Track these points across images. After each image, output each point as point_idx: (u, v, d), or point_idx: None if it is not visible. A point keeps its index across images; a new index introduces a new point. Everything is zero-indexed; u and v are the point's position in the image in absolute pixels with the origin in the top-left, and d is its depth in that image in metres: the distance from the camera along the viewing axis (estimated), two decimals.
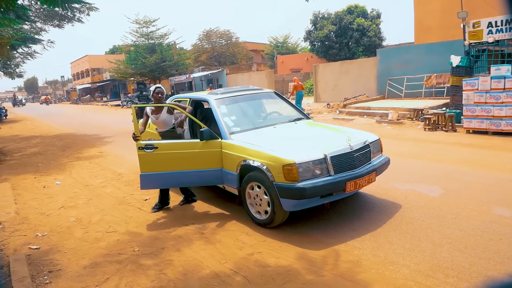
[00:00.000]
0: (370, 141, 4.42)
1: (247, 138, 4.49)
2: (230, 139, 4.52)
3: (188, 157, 4.51)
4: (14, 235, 4.45)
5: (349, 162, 4.01)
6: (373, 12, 31.08)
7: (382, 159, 4.57)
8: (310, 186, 3.68)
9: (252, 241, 3.84)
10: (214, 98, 5.13)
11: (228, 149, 4.45)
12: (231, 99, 5.35)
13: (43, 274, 3.43)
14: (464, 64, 11.12)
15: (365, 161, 4.23)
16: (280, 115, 5.59)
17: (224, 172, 4.54)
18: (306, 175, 3.75)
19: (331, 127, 5.54)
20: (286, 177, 3.71)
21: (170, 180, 4.60)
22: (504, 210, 4.13)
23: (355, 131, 4.85)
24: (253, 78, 27.81)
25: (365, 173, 4.06)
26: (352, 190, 3.98)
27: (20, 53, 19.72)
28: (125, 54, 36.50)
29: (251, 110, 5.50)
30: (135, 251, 3.82)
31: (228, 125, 4.76)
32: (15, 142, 13.45)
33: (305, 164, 3.76)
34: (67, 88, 70.80)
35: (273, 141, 4.31)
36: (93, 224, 4.67)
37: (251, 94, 5.67)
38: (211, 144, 4.50)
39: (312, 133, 4.89)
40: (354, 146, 4.10)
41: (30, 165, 8.80)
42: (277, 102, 5.86)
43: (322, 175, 3.84)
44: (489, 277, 2.87)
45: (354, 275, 3.05)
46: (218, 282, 3.11)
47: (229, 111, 5.11)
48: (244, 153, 4.22)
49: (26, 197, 6.07)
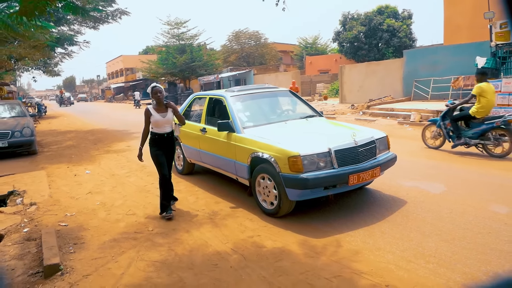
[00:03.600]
0: (376, 137, 4.60)
1: (258, 132, 4.79)
2: (242, 133, 4.85)
3: (220, 144, 5.18)
4: (46, 214, 5.00)
5: (353, 157, 4.20)
6: (404, 13, 30.56)
7: (389, 156, 4.72)
8: (313, 177, 3.91)
9: (254, 226, 4.18)
10: (230, 95, 5.48)
11: (241, 142, 4.78)
12: (246, 96, 5.68)
13: (69, 246, 3.93)
14: (490, 65, 10.99)
15: (370, 156, 4.40)
16: (293, 112, 5.84)
17: (237, 164, 4.88)
18: (310, 167, 3.98)
19: (340, 124, 5.76)
20: (291, 168, 3.96)
21: (206, 158, 5.68)
22: (500, 207, 4.26)
23: (363, 128, 5.07)
24: (280, 79, 28.08)
25: (369, 168, 4.23)
26: (355, 183, 4.15)
27: (58, 53, 20.95)
28: (157, 54, 37.69)
29: (265, 107, 5.79)
30: (150, 231, 4.25)
31: (242, 120, 5.07)
32: (52, 136, 14.41)
33: (310, 156, 4.00)
34: (102, 87, 73.65)
35: (281, 135, 4.57)
36: (115, 208, 5.15)
37: (266, 92, 5.98)
38: (228, 136, 4.97)
39: (320, 129, 5.11)
40: (359, 142, 4.29)
41: (64, 156, 9.52)
42: (291, 100, 6.16)
43: (326, 167, 4.06)
44: (467, 265, 3.07)
45: (350, 262, 3.31)
46: (218, 258, 3.48)
47: (243, 107, 5.43)
48: (255, 146, 4.52)
49: (59, 183, 6.68)
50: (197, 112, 6.64)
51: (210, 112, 6.02)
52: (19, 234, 4.39)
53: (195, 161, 6.34)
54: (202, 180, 6.24)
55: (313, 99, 24.65)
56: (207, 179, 6.30)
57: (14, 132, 9.49)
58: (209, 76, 33.23)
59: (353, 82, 20.85)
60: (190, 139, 6.13)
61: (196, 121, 6.24)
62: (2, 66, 19.73)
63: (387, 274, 3.00)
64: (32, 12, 3.10)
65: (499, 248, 3.31)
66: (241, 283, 3.03)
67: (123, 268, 3.40)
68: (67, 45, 18.98)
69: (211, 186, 5.86)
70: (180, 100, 32.23)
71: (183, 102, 30.30)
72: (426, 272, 3.00)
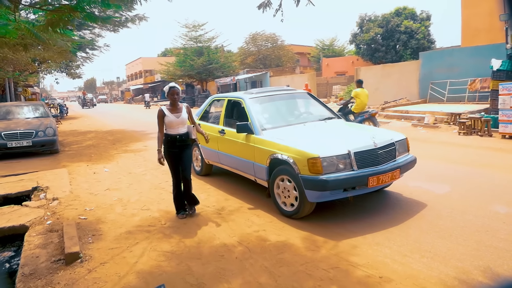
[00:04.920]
0: (396, 140, 4.57)
1: (277, 134, 4.80)
2: (261, 134, 4.89)
3: (238, 146, 5.25)
4: (68, 209, 5.34)
5: (372, 159, 4.18)
6: (422, 14, 30.23)
7: (408, 158, 4.68)
8: (333, 178, 3.92)
9: (261, 221, 4.40)
10: (248, 97, 5.52)
11: (259, 143, 4.81)
12: (265, 98, 5.69)
13: (88, 237, 4.23)
14: (505, 68, 10.89)
15: (389, 158, 4.38)
16: (311, 114, 5.81)
17: (256, 165, 4.93)
18: (330, 169, 3.98)
19: (359, 126, 5.76)
20: (310, 170, 3.98)
21: (224, 159, 5.76)
22: (502, 207, 4.35)
23: (383, 130, 5.06)
24: (296, 81, 28.18)
25: (389, 170, 4.21)
26: (374, 185, 4.14)
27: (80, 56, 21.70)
28: (175, 56, 38.38)
29: (283, 109, 5.80)
30: (163, 224, 4.52)
31: (261, 122, 5.09)
32: (73, 136, 14.97)
33: (329, 158, 4.00)
34: (121, 88, 75.19)
35: (300, 137, 4.59)
36: (131, 203, 5.45)
37: (285, 94, 6.00)
38: (247, 138, 5.04)
39: (339, 131, 5.12)
40: (378, 144, 4.28)
41: (84, 155, 9.95)
42: (309, 102, 6.15)
43: (346, 169, 4.05)
44: (461, 260, 3.20)
45: (348, 256, 3.49)
46: (224, 250, 3.71)
47: (262, 109, 5.43)
48: (274, 148, 4.53)
49: (79, 180, 7.05)
50: (216, 114, 6.73)
51: (229, 114, 6.06)
52: (42, 226, 4.72)
53: (213, 163, 6.36)
54: (213, 179, 6.49)
55: (329, 101, 24.64)
56: (219, 178, 6.54)
57: (38, 132, 9.97)
58: (225, 78, 33.64)
59: (369, 84, 20.66)
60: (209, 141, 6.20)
61: (214, 122, 6.32)
62: (26, 68, 20.58)
63: (382, 267, 3.17)
64: (58, 24, 3.39)
65: (494, 245, 3.43)
66: (244, 272, 3.25)
67: (136, 257, 3.67)
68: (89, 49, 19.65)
69: (221, 184, 6.10)
70: (197, 102, 32.73)
71: (200, 104, 30.67)
72: (420, 265, 3.16)
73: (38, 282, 3.33)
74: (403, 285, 2.88)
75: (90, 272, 3.42)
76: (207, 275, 3.24)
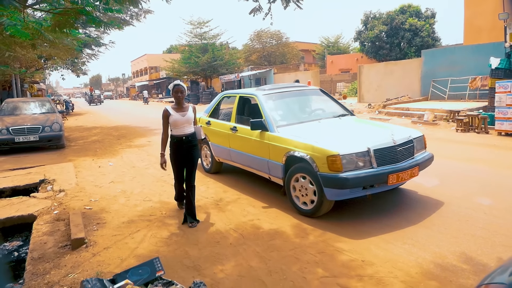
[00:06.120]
0: (413, 137, 4.54)
1: (292, 131, 4.73)
2: (276, 131, 4.81)
3: (252, 143, 5.18)
4: (74, 199, 5.61)
5: (391, 156, 4.14)
6: (427, 12, 30.20)
7: (426, 155, 4.65)
8: (353, 176, 3.86)
9: (256, 211, 4.65)
10: (262, 94, 5.44)
11: (275, 141, 4.73)
12: (278, 95, 5.62)
13: (93, 225, 4.50)
14: (503, 66, 11.03)
15: (408, 155, 4.34)
16: (325, 111, 5.71)
17: (271, 163, 4.86)
18: (349, 167, 3.92)
19: (375, 123, 5.79)
20: (330, 168, 3.92)
21: (236, 157, 5.67)
22: (485, 199, 4.56)
23: (400, 128, 5.02)
24: (299, 78, 28.29)
25: (408, 167, 4.16)
26: (394, 183, 4.10)
27: (86, 53, 22.01)
28: (180, 53, 38.63)
29: (297, 106, 5.76)
30: (163, 214, 4.78)
31: (275, 119, 5.03)
32: (79, 132, 15.30)
33: (349, 155, 3.93)
34: (127, 85, 75.69)
35: (317, 134, 4.52)
36: (134, 195, 5.71)
37: (297, 90, 5.94)
38: (261, 135, 4.98)
39: (356, 128, 5.07)
40: (397, 141, 4.25)
41: (89, 150, 10.25)
42: (322, 99, 6.05)
43: (365, 167, 3.99)
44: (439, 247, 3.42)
45: (334, 242, 3.73)
46: (220, 237, 3.96)
47: (276, 106, 5.37)
48: (290, 145, 4.46)
49: (85, 174, 7.33)
50: (226, 111, 6.67)
51: (240, 110, 5.98)
52: (49, 215, 4.99)
53: (223, 160, 6.29)
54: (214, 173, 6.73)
55: None
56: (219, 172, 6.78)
57: (44, 127, 10.27)
58: (230, 75, 33.85)
59: (371, 81, 20.95)
60: (219, 138, 6.11)
61: (225, 119, 6.27)
62: (33, 65, 20.95)
63: (366, 252, 3.40)
64: (64, 25, 3.64)
65: (472, 233, 3.65)
66: (237, 256, 3.50)
67: (137, 243, 3.93)
68: (94, 46, 19.95)
69: (221, 177, 6.35)
70: (202, 99, 33.00)
71: (204, 101, 30.70)
72: (400, 251, 3.39)
73: (47, 265, 3.60)
74: (383, 267, 3.12)
75: (95, 256, 3.68)
76: (202, 259, 3.49)
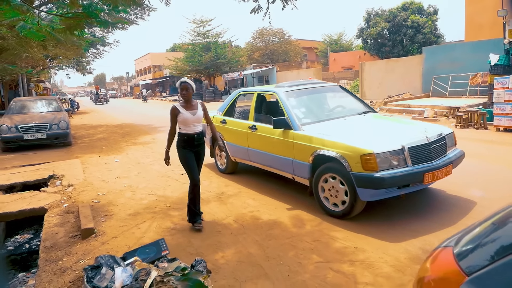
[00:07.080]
0: (445, 133, 4.40)
1: (318, 129, 4.53)
2: (301, 130, 4.60)
3: (274, 142, 4.99)
4: (82, 194, 5.85)
5: (426, 154, 4.00)
6: (429, 8, 30.22)
7: (457, 152, 4.54)
8: (389, 176, 3.70)
9: (256, 203, 4.86)
10: (283, 91, 5.23)
11: (300, 139, 4.53)
12: (299, 91, 5.43)
13: (101, 216, 4.73)
14: (502, 62, 11.16)
15: (441, 153, 4.21)
16: (348, 108, 5.55)
17: (295, 162, 4.65)
18: (383, 165, 3.75)
19: (401, 120, 5.74)
20: (364, 167, 3.75)
21: (255, 156, 5.49)
22: (478, 191, 4.74)
23: (428, 124, 4.92)
24: (302, 75, 28.51)
25: (442, 165, 4.04)
26: (429, 182, 3.97)
27: (91, 52, 22.32)
28: (183, 52, 38.85)
29: (318, 103, 5.60)
30: (167, 206, 5.00)
31: (298, 117, 4.84)
32: (84, 130, 15.58)
33: (383, 154, 3.76)
34: (131, 83, 76.08)
35: (345, 132, 4.38)
36: (139, 189, 5.94)
37: (317, 87, 5.77)
38: (285, 133, 4.79)
39: (384, 125, 4.96)
40: (430, 138, 4.10)
41: (96, 147, 10.51)
42: (342, 96, 5.88)
43: (400, 166, 3.83)
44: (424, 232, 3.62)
45: (329, 231, 3.93)
46: (222, 227, 4.18)
47: (297, 103, 5.20)
48: (318, 144, 4.26)
49: (92, 170, 7.58)
50: (242, 109, 6.55)
51: (259, 108, 5.76)
52: (59, 208, 5.23)
53: (240, 160, 6.08)
54: (215, 168, 6.94)
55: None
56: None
57: (52, 125, 10.53)
58: (233, 73, 34.05)
59: (373, 79, 21.08)
60: (236, 137, 5.88)
61: (242, 118, 6.11)
62: (39, 64, 21.25)
63: (359, 240, 3.60)
64: (75, 28, 3.85)
65: (462, 222, 3.85)
66: (237, 244, 3.71)
67: (143, 232, 4.16)
68: (99, 45, 20.23)
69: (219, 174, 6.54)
70: (205, 97, 33.21)
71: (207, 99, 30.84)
72: (392, 238, 3.59)
73: (59, 253, 3.83)
74: (374, 253, 3.32)
75: (103, 244, 3.91)
76: (204, 246, 3.71)
